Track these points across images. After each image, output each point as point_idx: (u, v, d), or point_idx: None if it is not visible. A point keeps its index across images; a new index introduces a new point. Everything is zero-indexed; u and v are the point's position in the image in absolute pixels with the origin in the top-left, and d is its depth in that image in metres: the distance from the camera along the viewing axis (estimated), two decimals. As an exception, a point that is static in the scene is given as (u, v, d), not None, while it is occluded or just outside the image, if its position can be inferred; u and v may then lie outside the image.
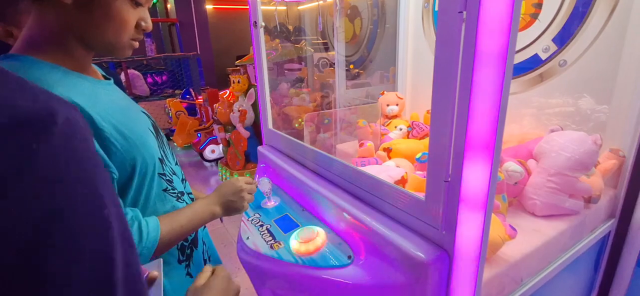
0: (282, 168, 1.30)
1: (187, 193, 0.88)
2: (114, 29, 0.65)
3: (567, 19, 1.23)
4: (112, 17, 0.63)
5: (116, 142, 0.64)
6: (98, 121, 0.62)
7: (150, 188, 0.73)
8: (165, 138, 0.86)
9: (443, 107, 0.66)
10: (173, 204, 0.79)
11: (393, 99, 1.77)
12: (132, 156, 0.67)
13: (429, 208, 0.74)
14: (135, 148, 0.68)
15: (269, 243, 0.99)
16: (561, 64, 1.28)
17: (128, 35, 0.67)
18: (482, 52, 0.58)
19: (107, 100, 0.67)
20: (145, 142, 0.72)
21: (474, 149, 0.64)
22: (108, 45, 0.67)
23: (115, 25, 0.64)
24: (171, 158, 0.85)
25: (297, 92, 2.79)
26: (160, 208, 0.75)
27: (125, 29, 0.66)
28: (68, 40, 0.64)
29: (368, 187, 0.93)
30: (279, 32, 3.80)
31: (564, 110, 1.32)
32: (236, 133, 3.65)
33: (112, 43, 0.66)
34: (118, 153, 0.65)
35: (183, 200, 0.83)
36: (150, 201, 0.73)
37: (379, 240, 0.83)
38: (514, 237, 0.84)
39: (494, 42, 0.58)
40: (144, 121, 0.77)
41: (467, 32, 0.59)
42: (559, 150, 1.02)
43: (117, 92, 0.74)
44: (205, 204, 0.81)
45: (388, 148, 1.35)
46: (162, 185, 0.76)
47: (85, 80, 0.66)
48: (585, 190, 1.02)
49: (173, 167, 0.84)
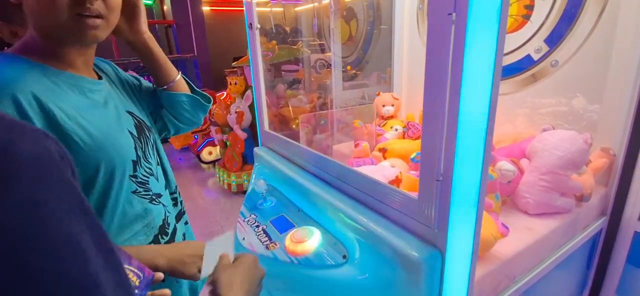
0: (277, 170, 1.31)
1: (170, 194, 0.88)
2: (45, 9, 0.61)
3: (558, 20, 1.25)
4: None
5: (79, 140, 0.64)
6: (60, 117, 0.62)
7: (119, 190, 0.72)
8: (151, 140, 0.84)
9: (434, 107, 0.67)
10: (145, 206, 0.77)
11: (389, 100, 1.79)
12: (97, 156, 0.67)
13: (421, 207, 0.75)
14: (101, 148, 0.67)
15: (265, 243, 1.00)
16: (553, 64, 1.30)
17: (63, 11, 0.62)
18: (472, 53, 0.60)
19: (82, 99, 0.68)
20: (116, 142, 0.71)
21: (464, 148, 0.65)
22: (57, 30, 0.64)
23: (44, 5, 0.61)
24: (153, 159, 0.83)
25: (293, 93, 2.80)
26: (129, 210, 0.74)
27: (55, 5, 0.61)
28: (46, 41, 0.66)
29: (362, 187, 0.94)
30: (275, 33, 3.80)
31: (556, 109, 1.34)
32: (233, 134, 3.65)
33: (56, 25, 0.63)
34: (81, 151, 0.64)
35: (159, 202, 0.82)
36: (119, 203, 0.72)
37: (373, 239, 0.84)
38: (506, 235, 0.85)
39: (483, 44, 0.59)
40: (125, 122, 0.77)
41: (456, 34, 0.60)
42: (551, 149, 1.03)
43: (103, 92, 0.75)
44: (151, 253, 0.72)
45: (383, 149, 1.37)
46: (132, 187, 0.75)
47: (65, 79, 0.67)
48: (577, 188, 1.04)
49: (153, 167, 0.83)
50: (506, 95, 1.46)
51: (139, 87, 0.92)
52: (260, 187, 1.18)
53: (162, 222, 0.83)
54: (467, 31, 0.59)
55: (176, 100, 0.92)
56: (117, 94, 0.80)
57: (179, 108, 0.93)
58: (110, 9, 0.69)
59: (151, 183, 0.81)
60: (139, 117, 0.83)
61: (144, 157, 0.80)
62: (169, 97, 0.91)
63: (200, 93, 0.98)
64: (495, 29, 0.58)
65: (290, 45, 3.62)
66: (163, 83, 0.90)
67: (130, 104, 0.84)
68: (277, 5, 5.53)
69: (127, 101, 0.83)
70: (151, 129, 0.86)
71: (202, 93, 0.98)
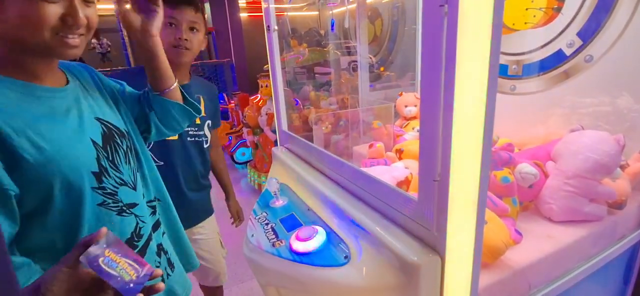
0: (292, 169, 1.32)
1: (147, 203, 0.88)
2: (28, 29, 0.61)
3: (592, 12, 1.15)
4: (21, 17, 0.60)
5: (28, 156, 0.61)
6: (7, 133, 0.59)
7: (79, 205, 0.68)
8: (125, 145, 0.82)
9: (430, 105, 0.64)
10: (111, 219, 0.74)
11: (411, 100, 1.74)
12: (49, 171, 0.63)
13: (421, 208, 0.72)
14: (53, 162, 0.64)
15: (272, 241, 1.01)
16: (587, 60, 1.19)
17: (48, 32, 0.62)
18: (465, 47, 0.56)
19: (37, 110, 0.66)
20: (69, 154, 0.67)
21: (461, 147, 0.61)
22: (35, 47, 0.63)
23: (27, 25, 0.61)
24: (126, 166, 0.80)
25: (318, 95, 2.81)
26: (94, 225, 0.71)
27: (41, 26, 0.61)
28: (9, 50, 0.64)
29: (366, 187, 0.92)
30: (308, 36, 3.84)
31: (593, 109, 1.23)
32: (264, 136, 3.73)
33: (37, 43, 0.63)
34: (31, 168, 0.61)
35: (130, 213, 0.79)
36: (84, 219, 0.69)
37: (373, 241, 0.82)
38: (518, 242, 0.79)
39: (477, 37, 0.56)
40: (89, 130, 0.73)
41: (449, 27, 0.57)
42: (577, 151, 0.95)
43: (67, 99, 0.72)
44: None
45: (400, 150, 1.33)
46: (98, 199, 0.72)
47: (18, 90, 0.64)
48: (609, 194, 0.95)
49: (126, 176, 0.80)
50: (536, 94, 1.37)
51: (121, 92, 0.92)
52: (273, 185, 1.20)
53: (131, 234, 0.80)
54: (459, 23, 0.56)
55: (169, 107, 0.92)
56: (87, 100, 0.78)
57: (169, 115, 0.94)
58: (91, 28, 0.70)
59: (121, 193, 0.77)
60: (111, 123, 0.81)
61: (114, 166, 0.77)
62: (162, 103, 0.92)
63: (191, 104, 0.98)
64: (490, 21, 0.55)
65: (323, 48, 3.65)
66: (160, 88, 0.90)
67: (105, 110, 0.82)
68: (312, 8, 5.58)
69: (101, 107, 0.81)
70: (126, 135, 0.84)
71: (193, 104, 0.99)
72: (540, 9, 1.30)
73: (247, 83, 7.05)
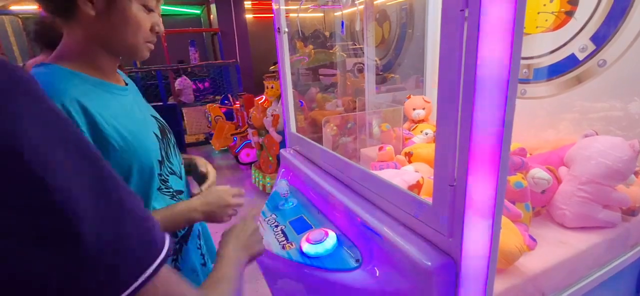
0: (301, 171, 1.32)
1: (187, 191, 0.94)
2: (131, 32, 0.73)
3: (606, 16, 1.14)
4: (129, 21, 0.72)
5: (115, 143, 0.70)
6: (101, 123, 0.69)
7: (149, 188, 0.79)
8: (172, 140, 0.92)
9: (447, 108, 0.64)
10: (166, 202, 0.84)
11: (420, 103, 1.73)
12: (129, 157, 0.73)
13: (435, 213, 0.72)
14: (132, 150, 0.73)
15: (281, 243, 1.00)
16: (600, 64, 1.18)
17: (143, 37, 0.76)
18: (485, 52, 0.56)
19: (115, 104, 0.75)
20: (144, 144, 0.77)
21: (479, 152, 0.61)
22: (129, 47, 0.76)
23: (133, 29, 0.73)
24: (174, 158, 0.90)
25: (325, 97, 2.80)
26: (155, 205, 0.81)
27: (140, 31, 0.74)
28: (93, 49, 0.73)
29: (378, 190, 0.92)
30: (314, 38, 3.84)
31: (605, 114, 1.22)
32: (269, 137, 3.74)
33: (132, 44, 0.75)
34: (116, 153, 0.71)
35: (178, 198, 0.88)
36: (150, 200, 0.79)
37: (386, 245, 0.82)
38: (533, 248, 0.79)
39: (498, 42, 0.55)
40: (150, 125, 0.84)
41: (469, 32, 0.57)
42: (592, 157, 0.94)
43: (130, 97, 0.82)
44: (185, 209, 0.82)
45: (409, 153, 1.33)
46: (157, 184, 0.82)
47: (100, 86, 0.74)
48: (622, 200, 0.94)
49: (175, 167, 0.90)
50: (548, 98, 1.36)
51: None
52: (282, 187, 1.19)
53: None
54: (480, 28, 0.55)
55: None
56: (141, 100, 0.88)
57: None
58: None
59: (171, 181, 0.87)
60: (162, 121, 0.91)
61: (167, 157, 0.86)
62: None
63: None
64: (511, 27, 0.54)
65: (328, 49, 3.64)
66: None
67: (152, 109, 0.91)
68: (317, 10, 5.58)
69: (149, 107, 0.90)
70: (172, 132, 0.94)
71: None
72: (552, 13, 1.29)
73: (252, 84, 7.07)
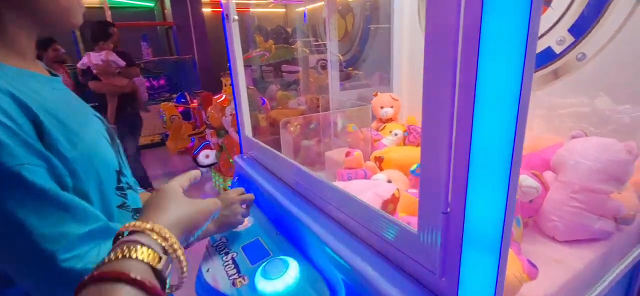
0: (257, 183, 1.13)
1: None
2: (75, 11, 0.57)
3: (585, 6, 1.05)
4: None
5: (65, 152, 0.51)
6: (44, 123, 0.49)
7: (110, 209, 0.59)
8: (121, 147, 0.72)
9: (436, 115, 0.49)
10: (129, 221, 0.62)
11: (387, 101, 1.60)
12: (84, 167, 0.53)
13: (423, 245, 0.56)
14: (86, 159, 0.54)
15: (232, 278, 0.81)
16: (579, 58, 1.10)
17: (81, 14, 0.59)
18: (491, 33, 0.41)
19: (53, 98, 0.54)
20: (98, 150, 0.59)
21: (481, 168, 0.46)
22: (62, 8, 0.56)
23: (76, 7, 0.57)
24: (127, 169, 0.71)
25: (286, 94, 2.62)
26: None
27: (81, 9, 0.59)
28: (8, 27, 0.53)
29: (349, 211, 0.75)
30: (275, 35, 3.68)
31: (578, 110, 1.14)
32: (229, 138, 3.50)
33: (75, 25, 0.59)
34: (67, 162, 0.51)
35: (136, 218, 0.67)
36: (113, 220, 0.58)
37: (361, 281, 0.66)
38: (534, 277, 0.65)
39: (508, 19, 0.40)
40: (97, 125, 0.65)
41: (468, 8, 0.41)
42: (585, 161, 0.84)
43: (65, 90, 0.62)
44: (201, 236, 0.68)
45: (379, 158, 1.18)
46: (118, 201, 0.62)
47: (30, 76, 0.54)
48: (616, 208, 0.84)
49: (129, 179, 0.70)
50: (523, 95, 1.27)
51: None
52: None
53: None
54: (484, 3, 0.40)
55: None
56: (75, 96, 0.66)
57: None
58: None
59: (130, 196, 0.67)
60: (103, 119, 0.70)
61: (122, 167, 0.68)
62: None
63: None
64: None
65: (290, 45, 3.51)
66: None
67: (91, 108, 0.70)
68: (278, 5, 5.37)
69: (87, 104, 0.69)
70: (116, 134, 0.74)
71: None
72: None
73: (211, 81, 6.71)
